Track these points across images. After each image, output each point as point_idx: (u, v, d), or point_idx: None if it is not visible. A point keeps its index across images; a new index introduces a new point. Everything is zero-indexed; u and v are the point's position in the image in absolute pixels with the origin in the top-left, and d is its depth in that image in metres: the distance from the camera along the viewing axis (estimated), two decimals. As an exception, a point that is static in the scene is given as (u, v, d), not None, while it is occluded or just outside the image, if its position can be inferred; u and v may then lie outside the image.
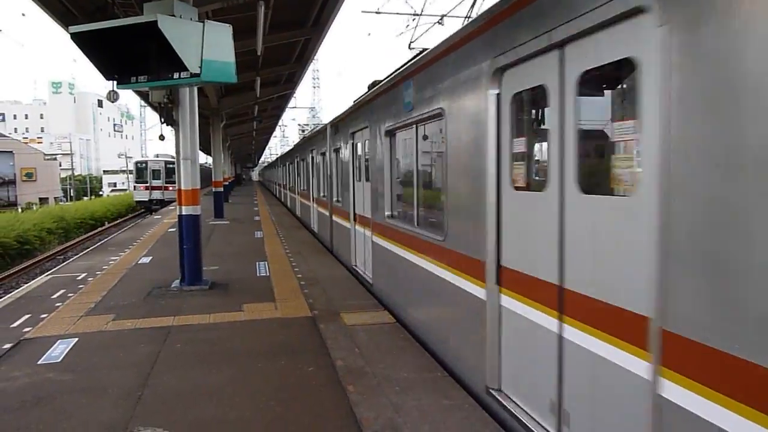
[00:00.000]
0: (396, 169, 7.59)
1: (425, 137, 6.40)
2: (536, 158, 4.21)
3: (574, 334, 3.30)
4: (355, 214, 9.99)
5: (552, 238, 3.49)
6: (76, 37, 6.53)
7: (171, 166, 31.44)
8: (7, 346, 6.13)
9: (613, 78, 3.39)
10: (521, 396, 3.99)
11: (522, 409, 3.92)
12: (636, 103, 2.78)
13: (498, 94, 4.16)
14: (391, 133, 7.36)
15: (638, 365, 2.74)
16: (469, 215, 4.69)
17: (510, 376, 4.15)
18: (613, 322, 2.94)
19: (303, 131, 47.33)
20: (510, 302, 4.08)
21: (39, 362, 5.61)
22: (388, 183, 7.58)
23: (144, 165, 36.55)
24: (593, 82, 3.35)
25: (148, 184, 35.49)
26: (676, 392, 2.48)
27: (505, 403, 4.08)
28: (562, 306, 3.43)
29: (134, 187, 37.50)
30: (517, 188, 4.04)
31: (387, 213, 7.58)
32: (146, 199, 35.48)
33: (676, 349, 2.48)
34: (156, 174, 35.25)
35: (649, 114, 2.63)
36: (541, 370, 3.64)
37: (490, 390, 4.31)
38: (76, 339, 6.34)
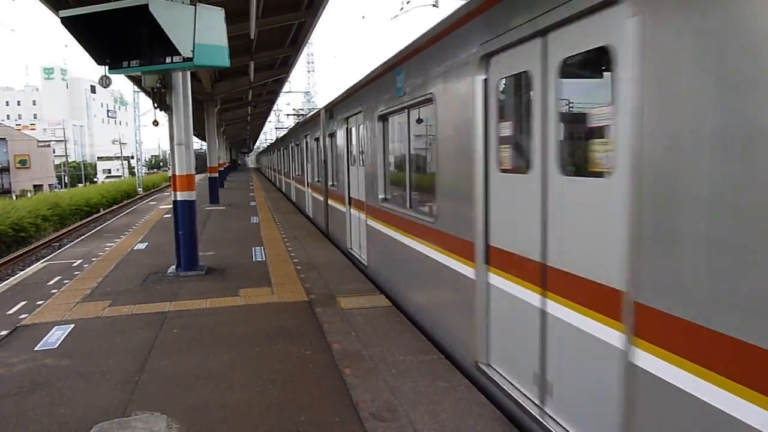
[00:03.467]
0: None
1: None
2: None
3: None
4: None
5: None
6: (67, 22, 6.47)
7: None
8: (4, 332, 6.14)
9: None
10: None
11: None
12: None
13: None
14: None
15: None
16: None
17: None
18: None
19: (298, 116, 47.17)
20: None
21: (36, 348, 5.62)
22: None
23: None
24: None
25: None
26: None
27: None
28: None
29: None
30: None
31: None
32: None
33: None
34: None
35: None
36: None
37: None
38: (73, 325, 6.35)
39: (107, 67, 7.24)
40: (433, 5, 22.52)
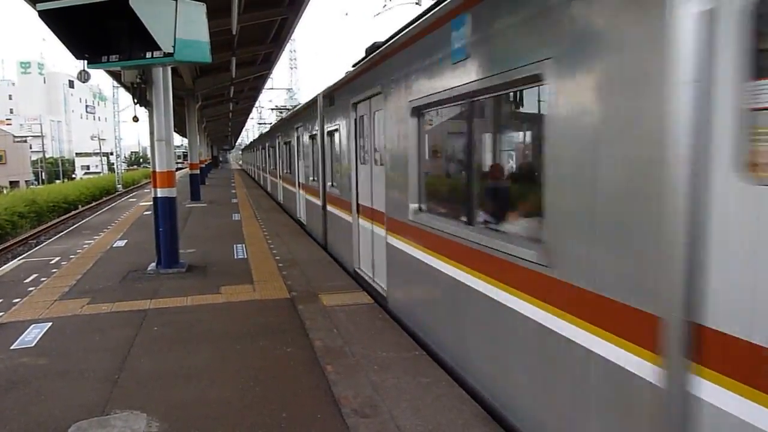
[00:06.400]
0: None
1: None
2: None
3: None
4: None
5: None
6: (45, 15, 6.34)
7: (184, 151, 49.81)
8: (-21, 331, 6.03)
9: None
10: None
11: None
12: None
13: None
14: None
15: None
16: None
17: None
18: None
19: (280, 113, 46.82)
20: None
21: (12, 347, 5.53)
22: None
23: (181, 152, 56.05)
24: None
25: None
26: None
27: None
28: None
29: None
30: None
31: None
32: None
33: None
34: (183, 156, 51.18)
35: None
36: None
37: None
38: (50, 323, 6.26)
39: (86, 61, 7.13)
40: (416, 3, 22.54)
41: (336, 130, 9.29)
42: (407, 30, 5.67)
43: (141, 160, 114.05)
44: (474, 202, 4.48)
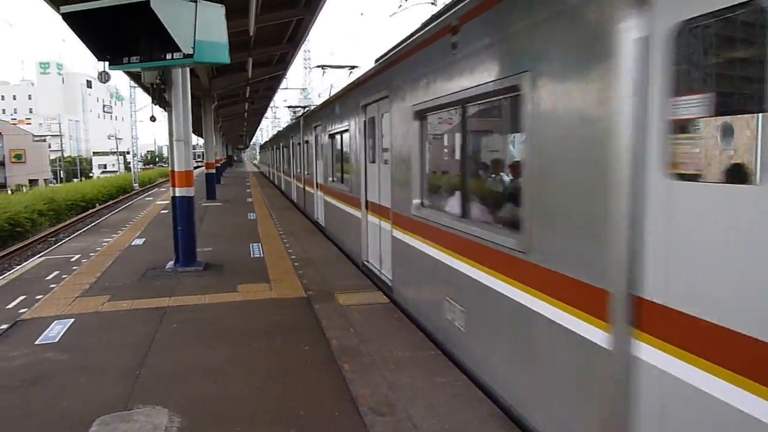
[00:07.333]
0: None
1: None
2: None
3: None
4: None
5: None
6: (68, 18, 6.47)
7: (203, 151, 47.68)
8: (4, 326, 6.16)
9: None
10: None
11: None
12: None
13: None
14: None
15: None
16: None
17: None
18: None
19: (294, 113, 47.01)
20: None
21: (36, 342, 5.66)
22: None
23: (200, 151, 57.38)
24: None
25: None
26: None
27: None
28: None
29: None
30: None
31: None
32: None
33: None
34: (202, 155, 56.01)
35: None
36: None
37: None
38: (72, 320, 6.38)
39: (107, 62, 7.25)
40: (432, 2, 22.50)
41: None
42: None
43: (157, 159, 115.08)
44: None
